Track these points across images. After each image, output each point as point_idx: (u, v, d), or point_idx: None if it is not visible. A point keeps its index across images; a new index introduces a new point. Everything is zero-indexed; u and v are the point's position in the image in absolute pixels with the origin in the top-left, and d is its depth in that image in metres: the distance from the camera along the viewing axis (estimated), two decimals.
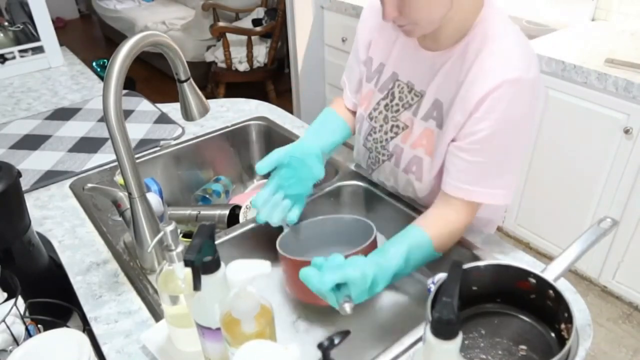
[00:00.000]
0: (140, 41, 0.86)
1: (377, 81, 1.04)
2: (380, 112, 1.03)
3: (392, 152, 1.03)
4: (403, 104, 0.98)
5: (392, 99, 1.00)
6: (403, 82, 0.98)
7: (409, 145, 0.98)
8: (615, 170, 1.85)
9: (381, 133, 1.04)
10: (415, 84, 0.96)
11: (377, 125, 1.04)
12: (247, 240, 1.06)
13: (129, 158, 0.89)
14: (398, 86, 0.99)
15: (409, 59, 0.97)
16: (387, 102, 1.01)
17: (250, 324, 0.62)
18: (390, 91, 1.00)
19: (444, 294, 0.55)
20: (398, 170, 1.03)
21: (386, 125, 1.02)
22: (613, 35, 2.08)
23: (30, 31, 2.07)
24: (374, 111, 1.04)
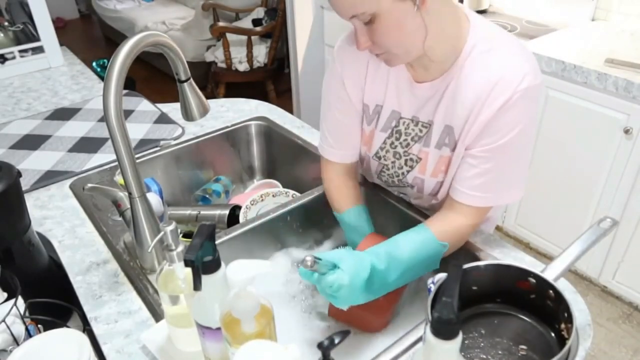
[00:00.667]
0: (140, 41, 0.86)
1: (377, 122, 1.00)
2: (388, 150, 1.01)
3: (412, 183, 1.02)
4: (412, 137, 0.96)
5: (398, 136, 0.98)
6: (407, 119, 0.96)
7: (428, 175, 0.97)
8: (615, 170, 1.85)
9: (395, 169, 1.02)
10: (420, 117, 0.94)
11: (387, 163, 1.03)
12: (247, 240, 1.06)
13: (129, 158, 0.89)
14: (403, 123, 0.97)
15: (407, 95, 0.94)
16: (393, 140, 0.99)
17: (250, 324, 0.62)
18: (395, 129, 0.98)
19: (444, 293, 0.55)
20: (423, 195, 1.02)
21: (398, 161, 1.01)
22: (613, 35, 2.08)
23: (30, 31, 2.07)
24: (381, 150, 1.02)
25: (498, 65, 0.83)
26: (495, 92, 0.82)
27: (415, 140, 0.96)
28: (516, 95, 0.81)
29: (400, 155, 0.99)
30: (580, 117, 1.87)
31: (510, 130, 0.84)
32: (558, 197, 2.07)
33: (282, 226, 1.12)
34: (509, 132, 0.84)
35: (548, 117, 1.98)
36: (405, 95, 0.94)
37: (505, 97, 0.81)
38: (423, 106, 0.93)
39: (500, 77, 0.82)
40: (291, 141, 1.40)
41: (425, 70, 0.90)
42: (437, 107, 0.90)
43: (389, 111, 0.97)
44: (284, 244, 1.14)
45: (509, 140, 0.84)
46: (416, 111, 0.94)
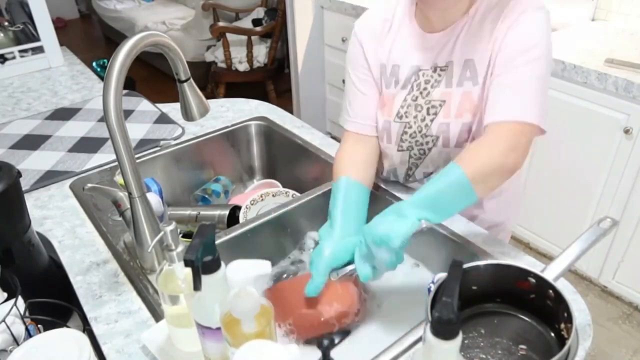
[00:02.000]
0: (140, 41, 0.86)
1: (395, 82, 1.02)
2: (410, 105, 1.01)
3: (437, 134, 0.99)
4: (431, 84, 0.98)
5: (418, 87, 0.99)
6: (426, 69, 0.98)
7: (453, 117, 0.96)
8: (615, 170, 1.85)
9: (418, 123, 1.01)
10: (438, 62, 0.97)
11: (409, 120, 1.02)
12: (247, 240, 1.06)
13: (129, 158, 0.89)
14: (423, 74, 0.99)
15: (423, 48, 0.97)
16: (414, 93, 1.00)
17: (250, 324, 0.62)
18: (415, 82, 0.99)
19: (444, 293, 0.55)
20: (449, 150, 1.00)
21: (420, 113, 1.00)
22: (613, 35, 2.08)
23: (30, 31, 2.07)
24: (402, 108, 1.02)
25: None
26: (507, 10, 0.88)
27: (434, 86, 0.97)
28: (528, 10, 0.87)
29: (422, 107, 0.99)
30: (580, 117, 1.87)
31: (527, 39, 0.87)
32: (558, 197, 2.07)
33: (282, 226, 1.12)
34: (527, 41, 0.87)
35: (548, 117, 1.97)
36: (421, 48, 0.97)
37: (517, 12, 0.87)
38: (440, 52, 0.96)
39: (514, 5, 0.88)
40: (291, 141, 1.40)
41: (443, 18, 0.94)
42: (454, 47, 0.94)
43: (408, 67, 1.00)
44: (284, 244, 1.14)
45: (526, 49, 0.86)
46: (435, 58, 0.97)
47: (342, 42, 2.78)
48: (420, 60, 0.98)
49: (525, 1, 0.89)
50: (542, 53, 0.87)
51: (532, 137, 0.88)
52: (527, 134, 0.86)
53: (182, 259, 0.72)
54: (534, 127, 0.86)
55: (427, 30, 0.96)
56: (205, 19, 3.87)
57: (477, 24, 0.92)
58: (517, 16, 0.88)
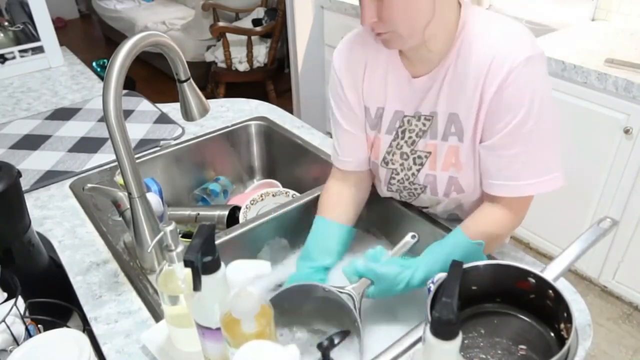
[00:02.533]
0: (140, 41, 0.86)
1: (380, 126, 0.98)
2: (394, 153, 0.98)
3: (424, 183, 0.98)
4: (417, 134, 0.94)
5: (402, 135, 0.96)
6: (410, 116, 0.94)
7: (439, 170, 0.94)
8: (615, 170, 1.85)
9: (404, 171, 0.99)
10: (422, 111, 0.92)
11: (396, 167, 1.00)
12: (247, 240, 1.06)
13: (129, 158, 0.89)
14: (407, 122, 0.94)
15: (407, 92, 0.92)
16: (399, 141, 0.97)
17: (250, 324, 0.62)
18: (400, 129, 0.96)
19: (444, 294, 0.55)
20: (439, 198, 0.99)
21: (406, 162, 0.98)
22: (613, 35, 2.08)
23: (30, 31, 2.07)
24: (388, 155, 0.99)
25: (493, 42, 0.81)
26: (493, 67, 0.80)
27: (420, 136, 0.94)
28: (517, 67, 0.79)
29: (408, 155, 0.97)
30: (580, 117, 1.87)
31: (520, 105, 0.80)
32: (558, 197, 2.07)
33: (282, 226, 1.12)
34: (521, 108, 0.80)
35: None
36: (405, 92, 0.92)
37: (505, 71, 0.79)
38: (424, 99, 0.90)
39: (497, 52, 0.80)
40: (291, 141, 1.40)
41: (422, 63, 0.88)
42: (438, 97, 0.88)
43: (392, 112, 0.95)
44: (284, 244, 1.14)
45: (524, 117, 0.81)
46: (418, 106, 0.92)
47: None
48: (405, 105, 0.93)
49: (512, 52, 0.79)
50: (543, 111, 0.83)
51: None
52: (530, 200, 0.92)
53: (182, 259, 0.72)
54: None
55: (413, 75, 0.90)
56: (205, 19, 3.87)
57: (461, 71, 0.84)
58: (506, 75, 0.79)
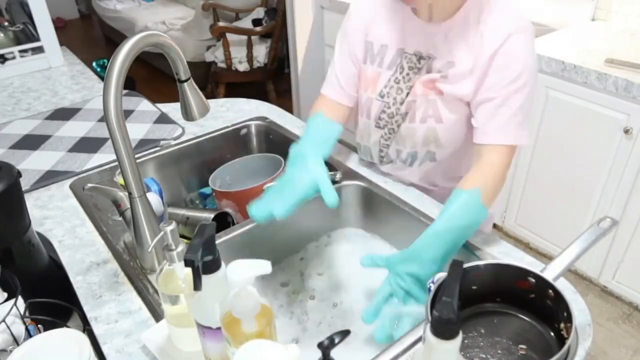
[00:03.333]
0: (140, 41, 0.86)
1: (381, 61, 1.06)
2: (392, 87, 1.06)
3: (405, 110, 1.06)
4: (413, 71, 1.03)
5: (401, 71, 1.04)
6: (410, 54, 1.03)
7: (420, 94, 1.03)
8: (615, 170, 1.85)
9: (396, 105, 1.07)
10: (422, 52, 1.01)
11: (389, 100, 1.07)
12: (247, 240, 1.06)
13: (129, 158, 0.89)
14: (406, 58, 1.03)
15: (413, 32, 1.02)
16: (397, 76, 1.05)
17: (251, 324, 0.62)
18: (399, 65, 1.04)
19: (444, 293, 0.55)
20: (415, 125, 1.06)
21: (399, 96, 1.06)
22: (613, 35, 2.08)
23: (30, 31, 2.07)
24: (385, 88, 1.07)
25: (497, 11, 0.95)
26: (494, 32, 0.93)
27: (415, 73, 1.03)
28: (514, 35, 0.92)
29: (402, 90, 1.05)
30: (580, 117, 1.87)
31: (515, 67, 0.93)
32: (558, 197, 2.07)
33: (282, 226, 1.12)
34: (515, 70, 0.93)
35: (548, 117, 1.98)
36: (411, 33, 1.02)
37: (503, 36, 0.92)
38: (427, 42, 1.00)
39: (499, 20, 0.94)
40: (291, 141, 1.39)
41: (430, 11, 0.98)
42: (441, 46, 0.99)
43: (395, 49, 1.05)
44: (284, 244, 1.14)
45: (515, 78, 0.93)
46: (419, 46, 1.02)
47: None
48: (407, 44, 1.03)
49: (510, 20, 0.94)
50: (529, 77, 0.95)
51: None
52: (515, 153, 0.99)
53: (182, 259, 0.72)
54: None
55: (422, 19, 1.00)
56: (205, 19, 3.87)
57: (464, 29, 0.96)
58: (503, 39, 0.93)
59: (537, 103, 1.98)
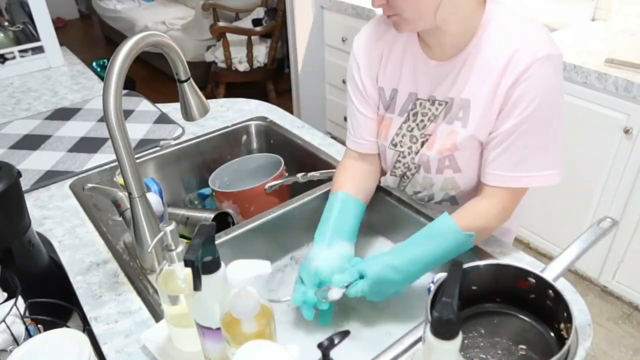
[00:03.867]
0: (140, 41, 0.86)
1: (392, 107, 1.00)
2: (404, 135, 1.00)
3: (418, 162, 1.00)
4: (429, 118, 0.95)
5: (414, 118, 0.97)
6: (424, 99, 0.95)
7: (435, 152, 0.95)
8: (615, 170, 1.85)
9: (412, 155, 1.01)
10: (437, 96, 0.93)
11: (404, 149, 1.01)
12: (247, 240, 1.06)
13: (129, 158, 0.89)
14: (420, 105, 0.96)
15: (423, 75, 0.94)
16: (410, 123, 0.98)
17: (251, 324, 0.62)
18: (412, 112, 0.97)
19: (444, 293, 0.55)
20: (431, 175, 1.00)
21: (415, 145, 0.99)
22: (613, 35, 2.08)
23: (30, 31, 2.07)
24: (397, 136, 1.01)
25: (517, 37, 0.84)
26: (514, 60, 0.82)
27: (431, 120, 0.95)
28: (536, 63, 0.81)
29: (417, 139, 0.98)
30: (580, 117, 1.87)
31: (532, 100, 0.83)
32: (558, 197, 2.07)
33: (282, 226, 1.12)
34: (532, 102, 0.83)
35: None
36: (421, 75, 0.94)
37: (525, 65, 0.81)
38: (440, 84, 0.92)
39: (519, 46, 0.82)
40: (291, 141, 1.41)
41: (440, 47, 0.90)
42: (454, 84, 0.90)
43: (406, 94, 0.97)
44: (284, 244, 1.14)
45: (533, 112, 0.83)
46: (433, 90, 0.93)
47: (342, 42, 2.79)
48: (419, 88, 0.95)
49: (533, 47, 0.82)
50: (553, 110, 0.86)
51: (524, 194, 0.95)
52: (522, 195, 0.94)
53: (182, 259, 0.72)
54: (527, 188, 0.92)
55: (431, 58, 0.92)
56: (205, 19, 3.87)
57: (481, 60, 0.86)
58: (525, 68, 0.82)
59: None
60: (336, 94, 3.05)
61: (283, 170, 1.28)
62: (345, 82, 1.11)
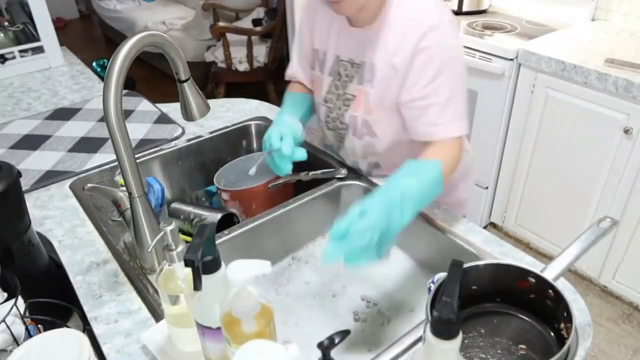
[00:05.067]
0: (140, 41, 0.86)
1: (322, 67, 1.13)
2: (332, 93, 1.12)
3: (348, 123, 1.12)
4: (349, 78, 1.08)
5: (339, 77, 1.10)
6: (345, 60, 1.08)
7: (361, 112, 1.08)
8: (615, 170, 1.85)
9: (337, 110, 1.13)
10: (354, 58, 1.06)
11: (331, 105, 1.14)
12: (247, 240, 1.06)
13: (129, 158, 0.89)
14: (342, 65, 1.09)
15: (345, 39, 1.07)
16: (336, 82, 1.11)
17: (251, 324, 0.62)
18: (337, 72, 1.10)
19: (444, 293, 0.55)
20: (354, 139, 1.13)
21: (338, 102, 1.12)
22: (613, 35, 2.08)
23: (30, 31, 2.07)
24: (327, 94, 1.14)
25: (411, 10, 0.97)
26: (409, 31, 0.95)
27: (350, 80, 1.08)
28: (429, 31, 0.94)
29: (339, 96, 1.11)
30: (580, 117, 1.87)
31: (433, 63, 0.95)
32: (558, 197, 2.07)
33: (282, 226, 1.12)
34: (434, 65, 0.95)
35: (548, 117, 1.98)
36: (344, 39, 1.07)
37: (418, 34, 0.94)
38: (357, 48, 1.05)
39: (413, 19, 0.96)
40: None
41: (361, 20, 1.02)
42: (366, 50, 1.03)
43: (333, 56, 1.10)
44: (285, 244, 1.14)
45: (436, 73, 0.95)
46: (351, 53, 1.06)
47: None
48: (341, 50, 1.08)
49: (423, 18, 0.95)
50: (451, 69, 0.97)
51: None
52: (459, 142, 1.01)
53: (182, 259, 0.72)
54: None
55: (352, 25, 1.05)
56: (205, 19, 3.87)
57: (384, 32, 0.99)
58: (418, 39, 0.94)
59: (537, 103, 1.99)
60: None
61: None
62: None
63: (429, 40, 0.94)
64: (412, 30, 0.95)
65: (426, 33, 0.94)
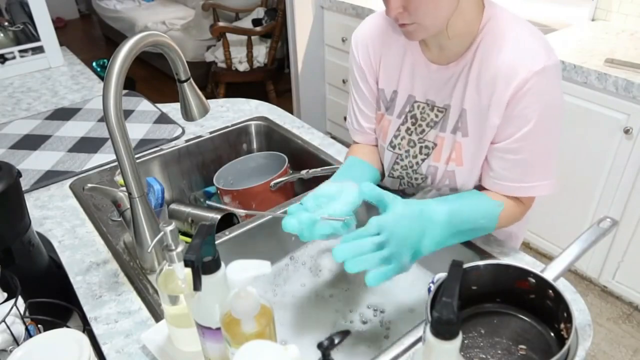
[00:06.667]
0: (140, 41, 0.86)
1: (392, 109, 1.00)
2: (403, 137, 0.99)
3: (426, 174, 0.99)
4: (427, 123, 0.95)
5: (413, 121, 0.97)
6: (422, 102, 0.95)
7: (443, 162, 0.95)
8: (615, 170, 1.85)
9: (409, 158, 1.00)
10: (435, 101, 0.93)
11: (402, 152, 1.01)
12: (247, 240, 1.06)
13: (129, 158, 0.89)
14: (418, 107, 0.96)
15: (422, 78, 0.93)
16: (409, 126, 0.98)
17: (251, 324, 0.62)
18: (410, 114, 0.97)
19: (444, 294, 0.55)
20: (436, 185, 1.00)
21: (413, 149, 0.99)
22: (613, 35, 2.08)
23: (30, 31, 2.07)
24: (395, 138, 1.00)
25: (513, 49, 0.82)
26: (511, 73, 0.81)
27: (430, 126, 0.95)
28: (534, 77, 0.80)
29: (415, 143, 0.98)
30: (580, 117, 1.87)
31: (533, 114, 0.83)
32: (558, 197, 2.07)
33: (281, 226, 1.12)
34: (533, 117, 0.83)
35: None
36: (420, 78, 0.93)
37: (522, 78, 0.81)
38: (439, 90, 0.92)
39: (516, 59, 0.82)
40: (291, 141, 1.41)
41: (441, 51, 0.89)
42: (454, 91, 0.89)
43: (405, 96, 0.97)
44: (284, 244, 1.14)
45: (535, 125, 0.84)
46: (431, 94, 0.93)
47: (342, 42, 2.79)
48: (416, 90, 0.95)
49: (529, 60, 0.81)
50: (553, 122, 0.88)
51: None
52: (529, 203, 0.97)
53: (182, 259, 0.72)
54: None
55: (431, 61, 0.91)
56: (205, 19, 3.87)
57: (479, 70, 0.85)
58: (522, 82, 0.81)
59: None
60: (336, 94, 3.05)
61: (287, 167, 1.28)
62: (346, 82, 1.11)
63: (532, 87, 0.81)
64: (512, 72, 0.81)
65: (529, 79, 0.80)
